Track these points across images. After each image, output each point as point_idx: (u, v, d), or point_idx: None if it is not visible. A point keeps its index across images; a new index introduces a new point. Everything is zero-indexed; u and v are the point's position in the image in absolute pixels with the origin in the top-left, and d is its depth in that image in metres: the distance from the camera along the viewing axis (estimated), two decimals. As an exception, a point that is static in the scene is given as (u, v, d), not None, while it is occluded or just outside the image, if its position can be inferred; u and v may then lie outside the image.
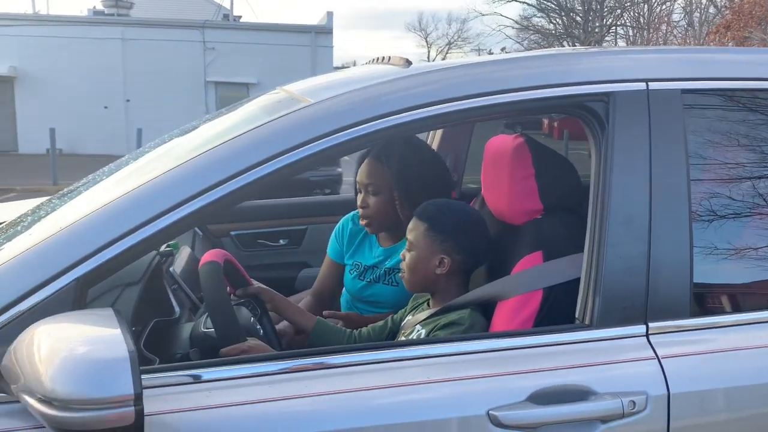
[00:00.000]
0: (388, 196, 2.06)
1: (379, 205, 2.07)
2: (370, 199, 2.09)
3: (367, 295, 2.16)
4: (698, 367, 1.30)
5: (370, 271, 2.16)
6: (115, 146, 18.17)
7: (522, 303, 1.48)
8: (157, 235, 1.16)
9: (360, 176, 2.12)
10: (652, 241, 1.31)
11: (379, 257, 2.16)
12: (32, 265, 1.13)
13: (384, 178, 2.06)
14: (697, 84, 1.40)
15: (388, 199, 2.06)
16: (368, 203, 2.09)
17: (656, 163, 1.32)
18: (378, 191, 2.07)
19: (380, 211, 2.08)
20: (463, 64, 1.42)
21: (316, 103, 1.31)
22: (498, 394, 1.21)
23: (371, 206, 2.08)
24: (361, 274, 2.18)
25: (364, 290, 2.16)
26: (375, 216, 2.09)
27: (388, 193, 2.06)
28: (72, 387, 0.94)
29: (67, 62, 18.97)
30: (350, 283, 2.21)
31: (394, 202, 2.06)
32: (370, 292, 2.15)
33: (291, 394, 1.16)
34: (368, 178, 2.08)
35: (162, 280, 1.86)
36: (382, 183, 2.06)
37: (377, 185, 2.07)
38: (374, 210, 2.08)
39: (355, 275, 2.19)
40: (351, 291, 2.22)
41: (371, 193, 2.08)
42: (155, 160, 1.50)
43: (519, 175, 1.60)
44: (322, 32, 20.80)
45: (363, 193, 2.10)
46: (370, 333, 1.82)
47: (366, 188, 2.09)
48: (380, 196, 2.07)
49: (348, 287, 2.23)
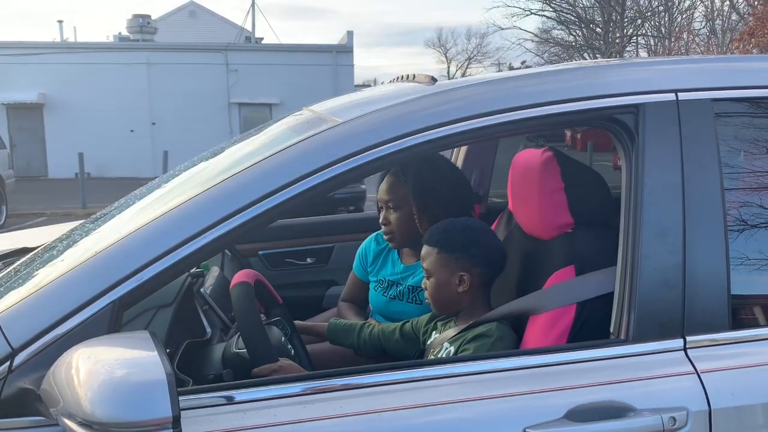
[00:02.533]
0: (408, 211, 2.09)
1: (400, 221, 2.10)
2: (391, 215, 2.12)
3: (391, 312, 2.16)
4: (739, 382, 1.27)
5: (393, 287, 2.18)
6: (141, 169, 18.51)
7: (555, 318, 1.46)
8: (192, 256, 1.17)
9: (380, 193, 2.15)
10: (687, 252, 1.29)
11: (402, 273, 2.17)
12: (69, 289, 1.15)
13: (403, 194, 2.09)
14: (728, 93, 1.38)
15: (409, 215, 2.09)
16: (389, 219, 2.12)
17: (688, 173, 1.31)
18: (398, 207, 2.10)
19: (401, 226, 2.11)
20: (490, 80, 1.42)
21: (344, 123, 1.32)
22: (534, 412, 1.19)
23: (392, 222, 2.12)
24: (385, 291, 2.20)
25: (387, 306, 2.17)
26: (397, 231, 2.12)
27: (407, 209, 2.09)
28: (111, 410, 0.94)
29: (94, 88, 19.40)
30: (374, 299, 2.23)
31: (412, 217, 2.08)
32: (394, 309, 2.15)
33: (324, 415, 1.15)
34: (388, 194, 2.12)
35: (193, 301, 1.87)
36: (402, 198, 2.10)
37: (397, 201, 2.10)
38: (396, 225, 2.12)
39: (379, 291, 2.21)
40: (376, 306, 2.23)
41: (392, 208, 2.11)
42: (186, 183, 1.51)
43: (548, 189, 1.59)
44: (342, 51, 21.00)
45: (384, 210, 2.14)
46: (380, 334, 1.87)
47: (387, 204, 2.13)
48: (400, 212, 2.10)
49: (373, 303, 2.25)
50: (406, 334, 1.85)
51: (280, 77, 20.17)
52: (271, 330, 1.69)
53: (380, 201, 2.15)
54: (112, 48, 21.17)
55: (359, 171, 1.26)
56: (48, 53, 19.45)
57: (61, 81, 19.34)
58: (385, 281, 2.21)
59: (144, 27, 22.28)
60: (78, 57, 19.52)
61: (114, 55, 20.07)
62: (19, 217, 11.53)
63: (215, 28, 27.18)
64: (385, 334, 1.88)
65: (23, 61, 19.04)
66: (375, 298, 2.23)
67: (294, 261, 2.92)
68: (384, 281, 2.21)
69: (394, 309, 2.16)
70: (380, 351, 1.89)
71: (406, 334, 1.85)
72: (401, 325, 1.88)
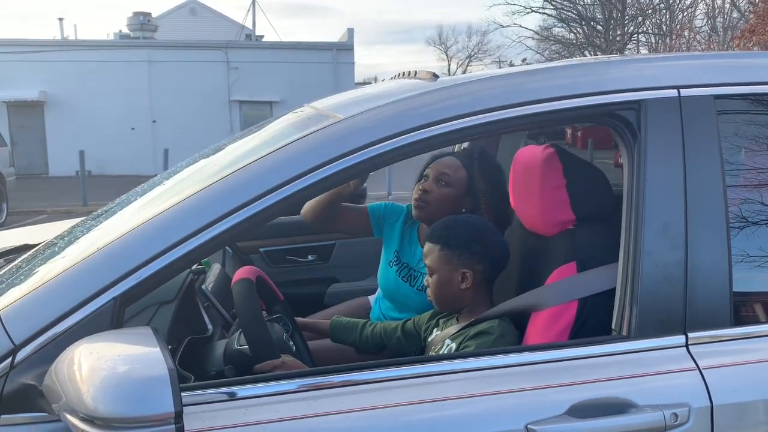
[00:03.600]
0: (456, 193, 2.13)
1: (443, 197, 2.13)
2: (436, 188, 2.14)
3: (398, 293, 2.20)
4: (741, 378, 1.27)
5: (407, 270, 2.21)
6: (142, 166, 18.49)
7: (557, 314, 1.46)
8: (194, 253, 1.17)
9: (438, 166, 2.17)
10: (689, 248, 1.29)
11: (419, 257, 2.18)
12: (72, 285, 1.15)
13: (460, 177, 2.14)
14: (730, 89, 1.38)
15: (454, 197, 2.13)
16: (433, 190, 2.14)
17: (690, 169, 1.31)
18: (450, 185, 2.14)
19: (442, 203, 2.13)
20: (491, 76, 1.42)
21: (346, 119, 1.32)
22: (536, 408, 1.19)
23: (435, 194, 2.14)
24: (399, 270, 2.23)
25: (398, 286, 2.21)
26: (433, 204, 2.13)
27: (457, 191, 2.13)
28: (114, 406, 0.95)
29: (94, 85, 19.39)
30: (385, 275, 2.26)
31: (456, 201, 2.12)
32: (403, 292, 2.18)
33: (326, 411, 1.16)
34: (447, 169, 2.15)
35: (195, 297, 1.87)
36: (458, 180, 2.14)
37: (452, 179, 2.14)
38: (436, 198, 2.13)
39: (394, 268, 2.24)
40: (385, 284, 2.26)
41: (442, 183, 2.14)
42: (188, 179, 1.52)
43: (550, 185, 1.59)
44: (343, 49, 20.99)
45: (431, 180, 2.16)
46: (382, 332, 1.89)
47: (438, 178, 2.15)
48: (449, 190, 2.14)
49: (382, 280, 2.28)
50: (407, 332, 1.85)
51: (281, 75, 20.16)
52: (272, 326, 1.69)
53: (433, 171, 2.16)
54: (113, 46, 21.17)
55: (361, 167, 1.26)
56: (49, 51, 19.44)
57: (61, 79, 19.32)
58: (401, 261, 2.24)
59: (144, 25, 22.27)
60: (79, 55, 19.51)
61: (115, 52, 20.06)
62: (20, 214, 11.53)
63: (216, 26, 27.17)
64: (387, 332, 1.88)
65: (24, 59, 19.03)
66: (386, 275, 2.25)
67: (295, 258, 2.93)
68: (399, 260, 2.24)
69: (402, 291, 2.19)
70: (382, 348, 1.90)
71: (408, 332, 1.85)
72: (403, 323, 1.88)
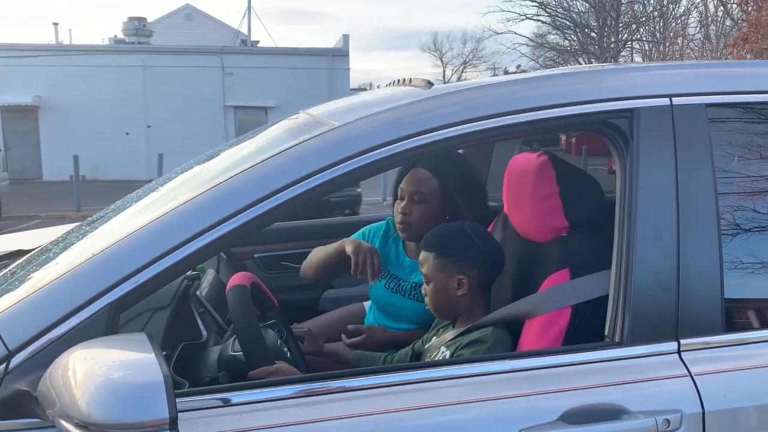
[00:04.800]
0: (434, 207, 2.10)
1: (424, 215, 2.10)
2: (414, 206, 2.11)
3: (390, 305, 2.17)
4: (732, 384, 1.28)
5: (395, 282, 2.18)
6: (136, 172, 18.46)
7: (550, 321, 1.47)
8: (189, 259, 1.17)
9: (406, 183, 2.14)
10: (681, 256, 1.30)
11: (408, 269, 2.18)
12: (66, 291, 1.15)
13: (433, 188, 2.10)
14: (722, 98, 1.39)
15: (433, 210, 2.10)
16: (412, 210, 2.11)
17: (682, 177, 1.32)
18: (425, 200, 2.10)
19: (422, 220, 2.09)
20: (486, 84, 1.43)
21: (341, 126, 1.33)
22: (530, 414, 1.19)
23: (415, 214, 2.11)
24: (387, 282, 2.20)
25: (387, 298, 2.18)
26: (416, 224, 2.11)
27: (434, 205, 2.10)
28: (109, 412, 0.95)
29: (89, 91, 19.35)
30: (375, 289, 2.22)
31: (437, 213, 2.10)
32: (395, 303, 2.16)
33: (321, 417, 1.16)
34: (416, 186, 2.11)
35: (189, 303, 1.87)
36: (431, 193, 2.10)
37: (425, 194, 2.10)
38: (417, 218, 2.10)
39: (383, 281, 2.21)
40: (375, 298, 2.23)
41: (417, 201, 2.11)
42: (183, 186, 1.52)
43: (543, 193, 1.60)
44: (338, 55, 21.02)
45: (407, 200, 2.12)
46: (401, 359, 1.86)
47: (412, 196, 2.11)
48: (426, 206, 2.10)
49: (372, 293, 2.25)
50: (417, 353, 1.85)
51: (276, 80, 20.15)
52: (267, 333, 1.70)
53: (406, 191, 2.12)
54: (108, 51, 21.12)
55: (356, 174, 1.26)
56: (43, 56, 19.40)
57: (56, 83, 19.28)
58: (388, 273, 2.21)
59: (140, 30, 22.24)
60: (73, 59, 19.46)
61: (109, 57, 20.03)
62: (14, 219, 11.49)
63: (211, 31, 27.16)
64: (401, 358, 1.88)
65: (18, 64, 18.97)
66: (375, 289, 2.22)
67: (290, 264, 2.92)
68: (386, 273, 2.21)
69: (394, 302, 2.16)
70: None
71: (417, 353, 1.85)
72: (413, 346, 1.88)
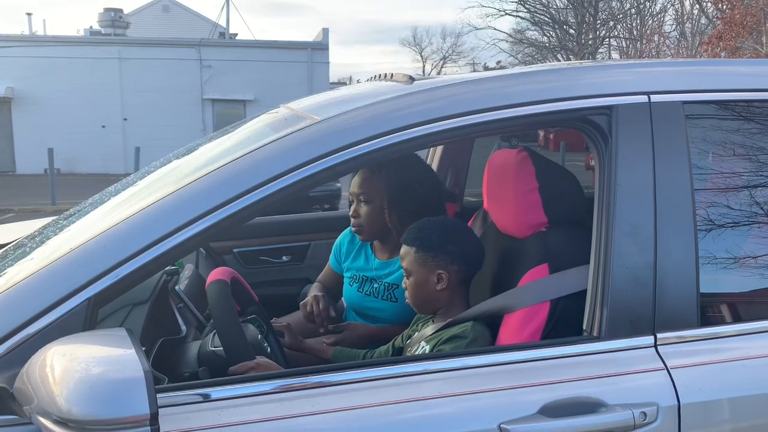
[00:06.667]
0: (378, 205, 2.11)
1: (370, 214, 2.13)
2: (361, 208, 2.14)
3: (365, 308, 2.18)
4: (707, 378, 1.30)
5: (368, 284, 2.19)
6: (113, 165, 18.24)
7: (529, 316, 1.48)
8: (168, 254, 1.16)
9: (353, 186, 2.17)
10: (658, 251, 1.31)
11: (378, 270, 2.19)
12: (44, 286, 1.14)
13: (375, 188, 2.11)
14: (699, 96, 1.41)
15: (379, 209, 2.11)
16: (359, 212, 2.15)
17: (660, 173, 1.34)
18: (369, 200, 2.12)
19: (371, 219, 2.13)
20: (467, 80, 1.44)
21: (323, 120, 1.32)
22: (509, 408, 1.21)
23: (362, 215, 2.14)
24: (360, 286, 2.21)
25: (362, 302, 2.18)
26: (365, 224, 2.14)
27: (378, 203, 2.11)
28: (88, 408, 0.94)
29: (64, 82, 19.04)
30: (348, 293, 2.24)
31: (383, 209, 2.11)
32: (370, 306, 2.16)
33: (301, 412, 1.16)
34: (360, 188, 2.14)
35: (168, 298, 1.86)
36: (373, 192, 2.12)
37: (368, 194, 2.12)
38: (365, 219, 2.14)
39: (354, 286, 2.22)
40: (350, 302, 2.24)
41: (363, 201, 2.14)
42: (163, 179, 1.50)
43: (523, 188, 1.61)
44: (318, 48, 20.91)
45: (355, 203, 2.16)
46: (381, 356, 1.86)
47: (358, 197, 2.15)
48: (371, 205, 2.12)
49: (347, 298, 2.26)
50: (397, 349, 1.85)
51: (255, 74, 20.01)
52: (247, 328, 1.69)
53: (352, 194, 2.17)
54: (83, 42, 20.77)
55: (337, 169, 1.26)
56: (17, 47, 19.03)
57: (30, 75, 18.94)
58: (360, 277, 2.22)
59: (116, 21, 21.95)
60: (48, 51, 19.13)
61: (85, 49, 19.70)
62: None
63: (189, 24, 26.88)
64: (381, 355, 1.87)
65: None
66: (349, 293, 2.24)
67: (269, 259, 2.91)
68: (358, 277, 2.22)
69: (369, 305, 2.17)
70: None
71: (398, 349, 1.85)
72: (393, 342, 1.88)
